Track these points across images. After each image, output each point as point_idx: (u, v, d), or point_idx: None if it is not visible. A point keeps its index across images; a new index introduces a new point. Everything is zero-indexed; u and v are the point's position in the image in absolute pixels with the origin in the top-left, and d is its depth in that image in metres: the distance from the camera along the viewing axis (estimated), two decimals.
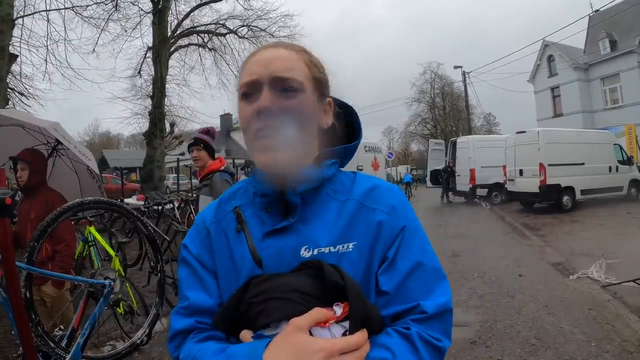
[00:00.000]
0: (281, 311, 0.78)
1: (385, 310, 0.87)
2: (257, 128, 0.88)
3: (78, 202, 2.49)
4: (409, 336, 0.82)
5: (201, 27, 19.41)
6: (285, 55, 0.92)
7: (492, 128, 49.73)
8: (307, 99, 0.91)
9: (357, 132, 1.07)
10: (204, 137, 3.66)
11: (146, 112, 18.12)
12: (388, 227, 0.91)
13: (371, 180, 1.00)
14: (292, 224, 0.91)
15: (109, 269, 2.69)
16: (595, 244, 7.96)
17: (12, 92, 13.23)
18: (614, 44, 25.29)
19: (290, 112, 0.87)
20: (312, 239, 0.90)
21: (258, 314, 0.79)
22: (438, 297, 0.88)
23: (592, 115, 25.96)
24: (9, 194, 1.23)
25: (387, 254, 0.90)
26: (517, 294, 5.69)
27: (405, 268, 0.88)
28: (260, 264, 0.89)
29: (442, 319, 0.87)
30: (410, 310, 0.86)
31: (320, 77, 0.96)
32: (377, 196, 0.95)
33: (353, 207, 0.93)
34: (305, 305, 0.77)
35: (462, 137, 20.94)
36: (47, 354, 2.26)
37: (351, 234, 0.90)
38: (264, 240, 0.91)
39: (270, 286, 0.82)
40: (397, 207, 0.94)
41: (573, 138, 14.51)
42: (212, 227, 1.00)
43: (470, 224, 12.91)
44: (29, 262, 2.21)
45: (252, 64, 0.92)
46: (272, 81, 0.88)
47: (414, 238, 0.93)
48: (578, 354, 3.83)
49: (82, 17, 14.81)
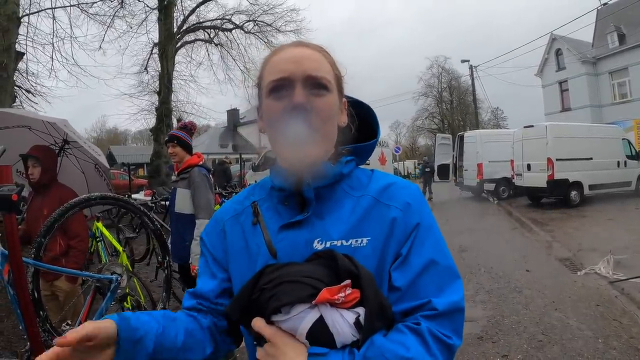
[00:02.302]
0: (291, 294, 0.79)
1: (396, 306, 0.89)
2: (288, 123, 0.90)
3: (85, 197, 2.50)
4: (420, 331, 0.83)
5: (207, 22, 19.47)
6: (313, 54, 0.96)
7: (499, 122, 49.34)
8: (334, 98, 0.96)
9: (374, 131, 1.10)
10: (178, 133, 3.68)
11: (153, 108, 18.21)
12: (402, 224, 0.93)
13: (388, 178, 1.02)
14: (307, 218, 0.94)
15: (116, 264, 2.70)
16: (603, 239, 7.91)
17: (19, 89, 13.30)
18: (622, 38, 24.95)
19: (322, 110, 0.92)
20: (325, 232, 0.93)
21: (269, 299, 0.81)
22: (450, 295, 0.89)
23: (600, 110, 25.68)
24: (15, 191, 1.24)
25: (401, 250, 0.92)
26: (525, 289, 5.67)
27: (418, 265, 0.90)
28: (275, 256, 0.93)
29: (452, 317, 0.88)
30: (421, 306, 0.87)
31: (341, 76, 1.01)
32: (392, 193, 0.97)
33: (367, 203, 0.95)
34: (315, 288, 0.78)
35: (469, 132, 20.80)
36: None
37: (364, 229, 0.93)
38: (280, 232, 0.95)
39: (282, 273, 0.84)
40: (412, 204, 0.95)
41: (581, 132, 14.38)
42: (228, 222, 1.06)
43: (478, 218, 12.87)
44: (36, 258, 2.23)
45: (280, 62, 0.95)
46: (305, 79, 0.91)
47: (428, 236, 0.94)
48: (585, 350, 3.81)
49: (88, 14, 14.87)
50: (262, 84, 0.99)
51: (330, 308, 0.79)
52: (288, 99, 0.91)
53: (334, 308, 0.79)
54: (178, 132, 3.70)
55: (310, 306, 0.79)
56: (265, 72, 0.98)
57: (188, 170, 3.57)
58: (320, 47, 1.00)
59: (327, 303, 0.78)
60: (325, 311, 0.79)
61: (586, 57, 26.23)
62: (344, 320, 0.79)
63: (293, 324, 0.80)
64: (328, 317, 0.79)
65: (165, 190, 11.81)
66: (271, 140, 0.98)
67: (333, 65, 0.99)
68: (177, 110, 19.36)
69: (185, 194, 3.50)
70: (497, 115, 50.70)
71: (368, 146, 1.07)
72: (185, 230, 3.43)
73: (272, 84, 0.94)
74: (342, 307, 0.80)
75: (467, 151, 18.69)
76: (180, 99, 19.90)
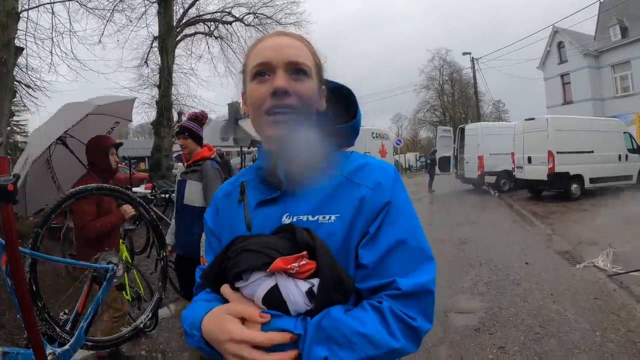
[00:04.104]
0: (248, 261, 0.86)
1: (362, 283, 0.92)
2: (271, 105, 0.96)
3: (81, 188, 2.50)
4: (380, 309, 0.85)
5: (207, 15, 19.33)
6: (294, 42, 1.01)
7: (501, 115, 49.25)
8: (314, 83, 1.01)
9: (356, 114, 1.11)
10: (189, 125, 3.61)
11: (153, 102, 18.15)
12: (370, 203, 0.94)
13: (363, 159, 1.05)
14: (281, 195, 1.01)
15: (112, 254, 2.71)
16: (603, 233, 7.91)
17: (19, 84, 13.29)
18: (624, 31, 24.79)
19: (302, 93, 0.98)
20: (293, 207, 0.98)
21: (232, 266, 0.88)
22: (418, 277, 0.90)
23: (602, 103, 25.59)
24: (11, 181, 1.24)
25: (369, 228, 0.93)
26: (523, 281, 5.69)
27: (386, 244, 0.92)
28: (250, 229, 1.02)
29: (419, 298, 0.89)
30: (386, 285, 0.89)
31: (321, 64, 1.06)
32: (364, 173, 0.99)
33: (337, 181, 0.98)
34: (270, 257, 0.84)
35: (470, 124, 20.76)
36: (52, 337, 2.30)
37: (333, 207, 0.96)
38: (256, 209, 1.04)
39: (246, 242, 0.90)
40: (382, 183, 0.97)
41: (582, 125, 14.33)
42: (220, 201, 1.16)
43: (478, 211, 12.87)
44: (33, 249, 2.24)
45: (262, 50, 1.01)
46: (286, 65, 0.97)
47: (400, 216, 0.95)
48: (582, 343, 3.83)
49: (87, 8, 14.74)
50: (246, 70, 1.05)
51: (286, 277, 0.84)
52: (270, 82, 0.97)
53: (289, 278, 0.84)
54: (189, 123, 3.62)
55: (266, 274, 0.85)
56: (249, 59, 1.04)
57: (199, 163, 3.54)
58: (301, 37, 1.06)
59: (283, 272, 0.83)
60: (280, 280, 0.84)
61: (588, 50, 26.10)
62: (298, 289, 0.83)
63: (251, 289, 0.86)
64: (282, 286, 0.84)
65: (165, 183, 11.82)
66: (254, 122, 1.04)
67: (313, 54, 1.04)
68: (178, 103, 19.30)
69: (197, 187, 3.46)
70: (499, 108, 50.66)
71: (348, 128, 1.09)
72: (193, 223, 3.39)
73: (255, 69, 0.99)
74: (298, 277, 0.84)
75: (468, 144, 18.66)
76: (180, 92, 19.84)
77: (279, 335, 0.81)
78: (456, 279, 5.86)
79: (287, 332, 0.82)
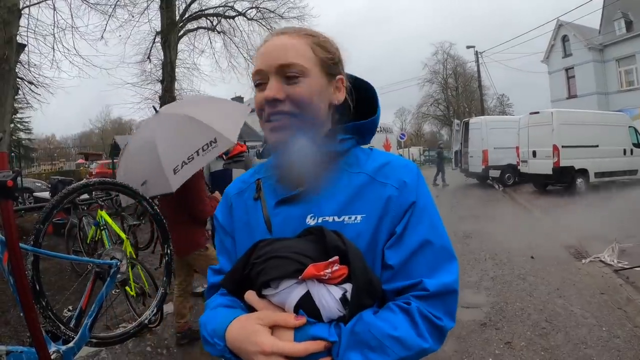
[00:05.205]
0: (279, 269, 0.82)
1: (389, 284, 0.91)
2: (267, 113, 0.96)
3: (83, 183, 2.49)
4: (410, 311, 0.85)
5: (209, 10, 19.24)
6: (288, 43, 0.97)
7: (505, 109, 49.04)
8: (314, 82, 0.97)
9: (376, 110, 1.09)
10: None
11: (156, 97, 18.13)
12: (397, 203, 0.93)
13: (386, 156, 1.03)
14: (302, 193, 0.97)
15: (116, 249, 2.71)
16: (609, 227, 7.85)
17: (22, 81, 13.28)
18: (629, 25, 24.58)
19: (297, 98, 0.95)
20: (318, 208, 0.96)
21: (258, 274, 0.84)
22: (443, 277, 0.90)
23: (607, 97, 25.44)
24: (11, 177, 1.22)
25: (396, 229, 0.92)
26: (529, 276, 5.66)
27: (412, 244, 0.91)
28: (270, 230, 0.99)
29: (445, 298, 0.88)
30: (413, 286, 0.89)
31: (327, 57, 1.01)
32: (389, 171, 0.98)
33: (362, 180, 0.97)
34: (302, 264, 0.80)
35: (474, 118, 20.62)
36: (56, 334, 2.29)
37: (359, 207, 0.94)
38: (276, 208, 1.00)
39: (272, 248, 0.87)
40: (408, 182, 0.96)
41: (587, 119, 14.26)
42: (234, 198, 1.12)
43: (483, 205, 12.84)
44: (35, 245, 2.22)
45: (259, 55, 1.00)
46: (277, 70, 0.95)
47: (424, 215, 0.95)
48: (589, 338, 3.80)
49: (89, 4, 14.68)
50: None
51: (318, 284, 0.81)
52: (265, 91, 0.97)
53: (321, 284, 0.81)
54: None
55: (297, 281, 0.81)
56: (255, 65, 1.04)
57: (240, 155, 4.53)
58: (306, 32, 1.02)
59: (314, 279, 0.80)
60: (312, 286, 0.81)
61: (593, 44, 25.95)
62: (331, 295, 0.81)
63: (281, 298, 0.83)
64: (315, 292, 0.81)
65: None
66: (261, 126, 1.03)
67: (315, 48, 0.99)
68: (181, 98, 19.30)
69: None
70: (503, 102, 50.45)
71: (367, 124, 1.06)
72: None
73: (253, 77, 1.00)
74: (330, 283, 0.81)
75: (472, 137, 18.59)
76: (184, 88, 19.82)
77: (314, 344, 0.79)
78: (461, 273, 5.75)
79: (322, 339, 0.80)
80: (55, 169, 38.06)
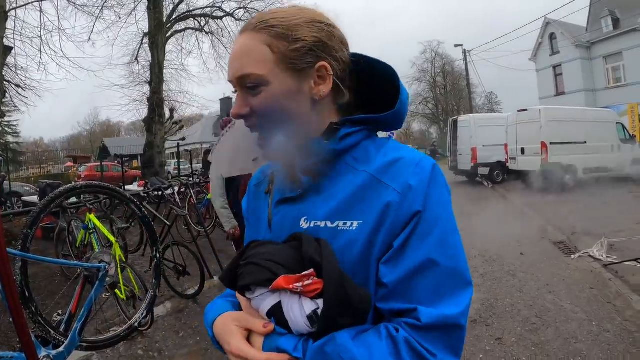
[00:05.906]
0: (252, 276, 0.80)
1: (382, 303, 0.80)
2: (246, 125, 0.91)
3: (70, 186, 2.47)
4: (395, 339, 0.74)
5: (197, 10, 19.15)
6: (244, 47, 0.85)
7: (494, 107, 49.32)
8: (276, 87, 0.83)
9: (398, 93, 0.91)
10: None
11: (145, 99, 18.04)
12: (396, 211, 0.79)
13: (399, 151, 0.87)
14: (301, 194, 0.90)
15: (105, 253, 2.68)
16: (597, 223, 7.93)
17: (9, 84, 13.15)
18: (616, 22, 24.84)
19: (261, 109, 0.85)
20: (313, 210, 0.87)
21: (239, 276, 0.83)
22: (445, 307, 0.76)
23: (594, 94, 25.69)
24: None
25: (394, 242, 0.79)
26: (519, 272, 5.70)
27: (411, 263, 0.77)
28: (271, 228, 0.96)
29: (444, 332, 0.75)
30: (406, 312, 0.77)
31: (292, 49, 0.83)
32: (395, 171, 0.83)
33: (363, 181, 0.83)
34: (274, 274, 0.77)
35: (463, 116, 20.69)
36: (46, 339, 2.27)
37: (356, 211, 0.82)
38: (277, 206, 0.95)
39: (256, 252, 0.84)
40: (414, 186, 0.79)
41: (575, 116, 14.38)
42: (253, 189, 1.10)
43: (472, 202, 12.87)
44: (23, 250, 2.20)
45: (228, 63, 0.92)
46: (238, 83, 0.87)
47: (434, 229, 0.79)
48: (579, 332, 3.83)
49: (76, 5, 14.64)
50: None
51: (291, 295, 0.77)
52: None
53: (295, 295, 0.76)
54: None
55: (270, 290, 0.79)
56: None
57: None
58: (261, 23, 0.85)
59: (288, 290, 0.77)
60: (284, 297, 0.78)
61: (580, 42, 26.18)
62: (301, 309, 0.76)
63: (256, 303, 0.82)
64: (285, 304, 0.78)
65: (158, 180, 11.74)
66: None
67: (273, 44, 0.83)
68: (169, 100, 19.23)
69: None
70: (492, 100, 50.72)
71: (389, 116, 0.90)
72: None
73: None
74: (306, 296, 0.76)
75: (461, 135, 18.66)
76: (172, 89, 19.76)
77: (278, 356, 0.75)
78: None
79: (286, 353, 0.75)
80: (44, 172, 37.67)
